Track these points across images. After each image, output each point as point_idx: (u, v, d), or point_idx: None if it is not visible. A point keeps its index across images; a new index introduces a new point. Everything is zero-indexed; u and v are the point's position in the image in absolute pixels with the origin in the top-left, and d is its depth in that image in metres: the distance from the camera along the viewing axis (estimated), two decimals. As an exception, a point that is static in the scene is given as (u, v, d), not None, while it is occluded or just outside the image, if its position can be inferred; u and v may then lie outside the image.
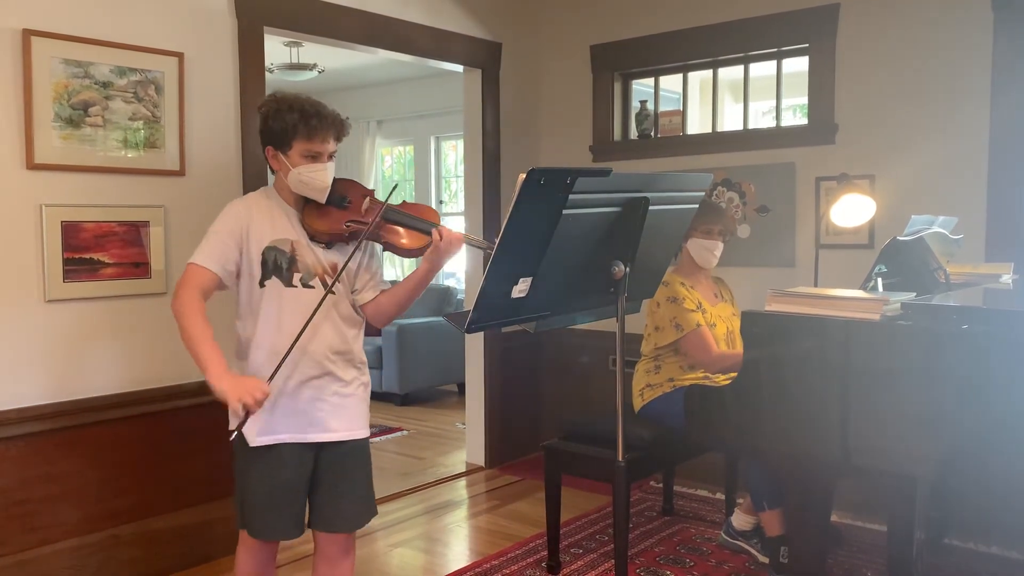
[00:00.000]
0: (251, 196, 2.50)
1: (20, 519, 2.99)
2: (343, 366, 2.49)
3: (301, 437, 2.44)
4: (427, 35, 4.43)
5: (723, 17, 4.40)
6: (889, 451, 2.28)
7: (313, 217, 2.44)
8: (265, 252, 2.39)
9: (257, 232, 2.39)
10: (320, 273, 2.45)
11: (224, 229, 2.38)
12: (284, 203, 2.47)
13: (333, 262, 2.47)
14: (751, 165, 4.36)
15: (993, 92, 3.67)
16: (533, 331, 2.40)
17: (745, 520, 3.59)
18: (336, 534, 2.52)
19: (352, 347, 2.52)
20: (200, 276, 2.33)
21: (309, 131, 2.37)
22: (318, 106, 2.41)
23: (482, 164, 4.85)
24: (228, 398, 2.20)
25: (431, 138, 8.05)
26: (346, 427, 2.49)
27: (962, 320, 2.25)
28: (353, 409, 2.51)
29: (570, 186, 1.94)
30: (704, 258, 3.47)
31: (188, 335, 2.28)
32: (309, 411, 2.44)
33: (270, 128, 2.40)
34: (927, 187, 3.83)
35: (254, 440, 2.40)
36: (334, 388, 2.47)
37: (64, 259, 3.05)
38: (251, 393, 2.21)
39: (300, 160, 2.39)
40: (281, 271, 2.40)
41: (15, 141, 2.95)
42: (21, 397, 2.99)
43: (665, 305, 3.39)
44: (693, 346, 3.35)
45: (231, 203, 2.46)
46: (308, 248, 2.44)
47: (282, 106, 2.38)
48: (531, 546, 3.72)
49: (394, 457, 5.27)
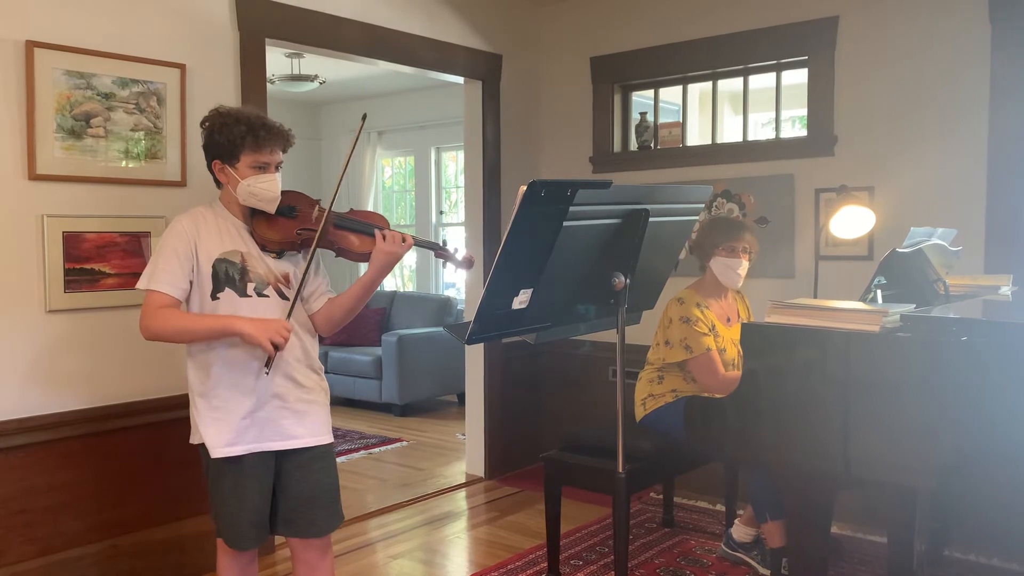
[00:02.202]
0: (196, 210, 2.51)
1: (20, 529, 2.99)
2: (305, 372, 2.52)
3: (266, 445, 2.46)
4: (428, 47, 4.44)
5: (723, 29, 4.42)
6: (889, 462, 2.28)
7: (263, 227, 2.47)
8: (215, 265, 2.42)
9: (205, 246, 2.42)
10: (273, 282, 2.48)
11: (174, 248, 2.40)
12: (231, 216, 2.49)
13: (284, 271, 2.50)
14: (750, 176, 4.37)
15: (992, 104, 3.69)
16: (534, 342, 2.41)
17: (745, 532, 3.58)
18: (310, 539, 2.54)
19: (311, 353, 2.56)
20: (160, 303, 2.37)
21: (257, 142, 2.41)
22: (263, 118, 2.46)
23: (482, 175, 4.86)
24: (259, 340, 2.31)
25: (431, 149, 8.06)
26: (310, 433, 2.51)
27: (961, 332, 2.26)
28: (316, 415, 2.54)
29: (571, 198, 1.95)
30: (729, 277, 3.42)
31: (186, 329, 2.37)
32: (274, 419, 2.46)
33: (216, 141, 2.43)
34: (926, 199, 3.84)
35: (218, 451, 2.42)
36: (297, 395, 2.50)
37: (65, 269, 3.06)
38: (279, 332, 2.33)
39: (248, 172, 2.42)
40: (234, 282, 2.42)
41: (17, 152, 2.96)
42: (22, 407, 2.99)
43: (678, 324, 3.37)
44: (701, 369, 3.34)
45: (176, 219, 2.47)
46: (259, 259, 2.47)
47: (227, 119, 2.42)
48: (531, 558, 3.71)
49: (394, 468, 5.26)
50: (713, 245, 3.41)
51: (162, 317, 2.36)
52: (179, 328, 2.37)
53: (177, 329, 2.37)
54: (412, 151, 8.26)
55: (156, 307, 2.36)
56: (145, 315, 2.37)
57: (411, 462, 5.40)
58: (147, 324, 2.37)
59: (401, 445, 5.86)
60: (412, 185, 8.33)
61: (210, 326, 2.36)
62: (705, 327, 3.36)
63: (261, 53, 3.66)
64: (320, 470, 2.54)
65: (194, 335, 2.39)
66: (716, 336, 3.40)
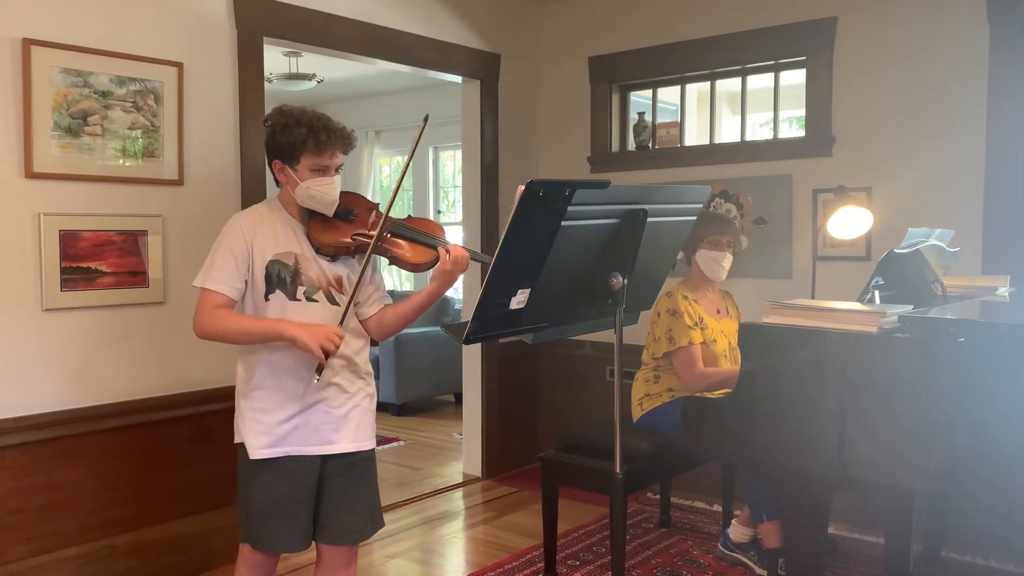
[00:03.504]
0: (255, 209, 2.50)
1: (16, 529, 2.98)
2: (349, 377, 2.50)
3: (305, 450, 2.43)
4: (426, 46, 4.44)
5: (721, 30, 4.42)
6: (886, 463, 2.28)
7: (319, 230, 2.45)
8: (269, 266, 2.40)
9: (261, 245, 2.40)
10: (324, 286, 2.45)
11: (230, 247, 2.38)
12: (289, 216, 2.47)
13: (338, 275, 2.48)
14: (748, 177, 4.37)
15: (989, 105, 3.69)
16: (531, 342, 2.41)
17: (742, 532, 3.58)
18: (340, 547, 2.51)
19: (358, 359, 2.53)
20: (216, 300, 2.36)
21: (318, 146, 2.38)
22: (325, 120, 2.42)
23: (480, 175, 4.86)
24: (309, 346, 2.28)
25: (429, 148, 8.06)
26: (351, 438, 2.49)
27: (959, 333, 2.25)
28: (358, 420, 2.51)
29: (569, 198, 1.94)
30: (713, 270, 3.46)
31: (238, 331, 2.36)
32: (315, 423, 2.44)
33: (278, 142, 2.41)
34: (924, 200, 3.84)
35: (255, 453, 2.40)
36: (340, 400, 2.47)
37: (62, 268, 3.05)
38: (329, 339, 2.30)
39: (308, 174, 2.40)
40: (285, 285, 2.40)
41: (14, 150, 2.95)
42: (18, 406, 2.98)
43: (665, 317, 3.40)
44: (680, 362, 3.36)
45: (235, 217, 2.46)
46: (312, 261, 2.44)
47: (290, 120, 2.39)
48: (528, 558, 3.71)
49: (391, 468, 5.25)
50: (698, 238, 3.43)
51: (216, 317, 2.34)
52: (232, 329, 2.35)
53: (229, 330, 2.35)
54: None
55: (211, 306, 2.35)
56: (199, 313, 2.36)
57: (408, 462, 5.40)
58: (201, 323, 2.36)
59: (398, 445, 5.85)
60: (410, 184, 8.32)
61: (263, 329, 2.34)
62: (691, 320, 3.38)
63: (259, 52, 3.65)
64: (359, 476, 2.51)
65: (246, 337, 2.37)
66: (704, 328, 3.41)
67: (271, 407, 2.41)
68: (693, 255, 3.49)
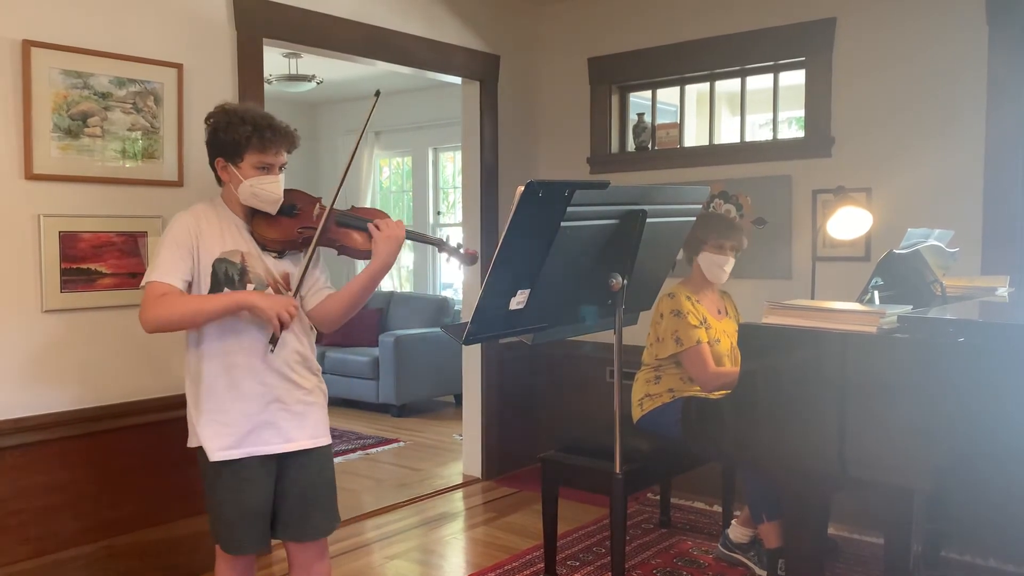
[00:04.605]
0: (197, 207, 2.47)
1: (15, 530, 2.98)
2: (304, 374, 2.50)
3: (265, 449, 2.43)
4: (426, 47, 4.44)
5: (720, 31, 4.42)
6: (886, 463, 2.28)
7: (264, 227, 2.45)
8: (215, 264, 2.39)
9: (207, 244, 2.39)
10: (272, 283, 2.45)
11: (176, 242, 2.36)
12: (232, 214, 2.46)
13: (284, 271, 2.48)
14: (748, 177, 4.37)
15: (989, 106, 3.69)
16: (531, 343, 2.41)
17: (742, 532, 3.58)
18: (308, 543, 2.52)
19: (310, 354, 2.54)
20: (160, 291, 2.31)
21: (263, 143, 2.38)
22: (269, 118, 2.41)
23: (480, 175, 4.86)
24: (268, 314, 2.28)
25: (429, 149, 8.06)
26: (310, 435, 2.49)
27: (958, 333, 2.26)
28: (315, 416, 2.51)
29: (568, 199, 1.95)
30: (714, 274, 3.46)
31: (189, 312, 2.32)
32: (273, 421, 2.43)
33: (221, 139, 2.40)
34: (923, 200, 3.84)
35: (216, 455, 2.39)
36: (297, 396, 2.47)
37: (61, 269, 3.05)
38: (286, 308, 2.30)
39: (252, 172, 2.39)
40: (233, 282, 2.40)
41: (14, 151, 2.95)
42: (18, 407, 2.98)
43: (668, 318, 3.39)
44: (691, 362, 3.35)
45: (178, 215, 2.43)
46: (259, 258, 2.44)
47: (233, 118, 2.38)
48: (528, 558, 3.71)
49: (391, 468, 5.25)
50: (702, 240, 3.43)
51: (166, 303, 2.29)
52: (180, 311, 2.30)
53: (178, 312, 2.30)
54: (410, 151, 8.26)
55: (157, 295, 2.30)
56: (145, 306, 2.31)
57: (408, 463, 5.40)
58: (148, 315, 2.30)
59: (398, 446, 5.85)
60: (410, 186, 8.33)
61: (219, 303, 2.31)
62: (696, 319, 3.38)
63: (259, 53, 3.65)
64: (318, 472, 2.52)
65: (200, 316, 2.31)
66: (708, 328, 3.41)
67: (227, 407, 2.40)
68: (695, 256, 3.48)
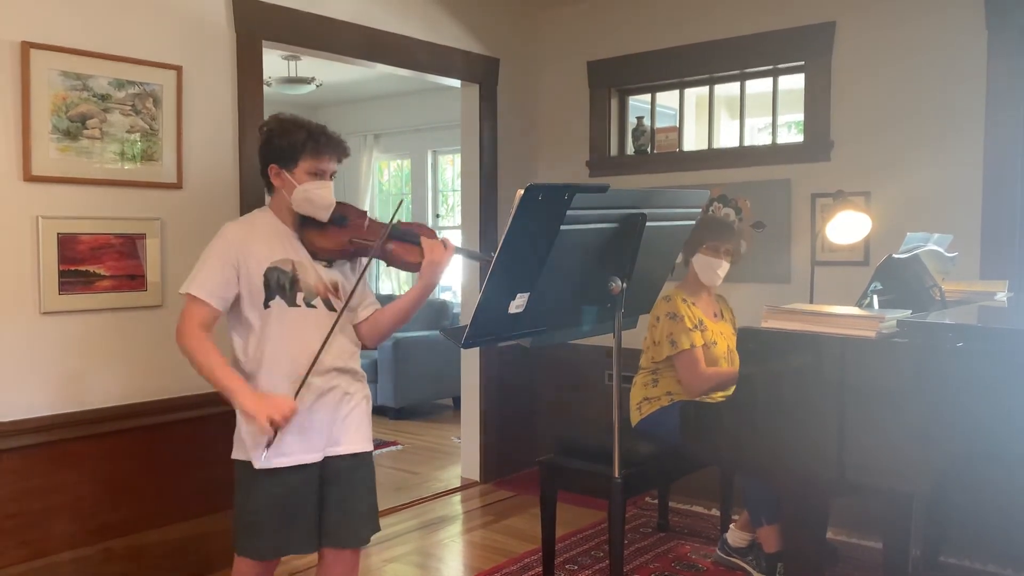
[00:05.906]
0: (249, 217, 2.52)
1: (13, 532, 2.97)
2: (350, 381, 2.51)
3: (310, 457, 2.42)
4: (425, 50, 4.44)
5: (719, 34, 4.43)
6: (885, 468, 2.28)
7: (315, 235, 2.46)
8: (267, 273, 2.39)
9: (257, 254, 2.40)
10: (322, 292, 2.46)
11: (219, 256, 2.38)
12: (281, 224, 2.48)
13: (334, 280, 2.49)
14: (747, 181, 4.37)
15: (988, 110, 3.69)
16: (530, 346, 2.41)
17: (740, 537, 3.58)
18: (345, 550, 2.50)
19: (356, 363, 2.55)
20: (200, 313, 2.35)
21: (318, 149, 2.40)
22: (323, 126, 2.46)
23: (479, 178, 4.86)
24: (257, 418, 2.25)
25: (428, 152, 8.06)
26: (352, 441, 2.50)
27: (957, 338, 2.26)
28: (358, 422, 2.52)
29: (568, 202, 1.94)
30: (708, 276, 3.47)
31: (205, 367, 2.33)
32: (320, 428, 2.44)
33: (276, 145, 2.42)
34: (922, 204, 3.84)
35: (262, 463, 2.37)
36: (342, 403, 2.49)
37: (60, 271, 3.04)
38: (280, 411, 2.27)
39: (305, 177, 2.41)
40: (284, 291, 2.40)
41: (12, 153, 2.95)
42: (16, 409, 2.97)
43: (664, 320, 3.39)
44: (682, 365, 3.36)
45: (227, 226, 2.45)
46: (309, 267, 2.45)
47: (289, 125, 2.42)
48: (526, 562, 3.71)
49: (389, 471, 5.25)
50: (699, 242, 3.44)
51: (198, 341, 2.32)
52: (205, 365, 2.33)
53: (198, 360, 2.33)
54: (409, 154, 8.26)
55: (196, 323, 2.33)
56: (184, 324, 2.35)
57: (406, 466, 5.39)
58: (184, 339, 2.34)
59: (396, 449, 5.85)
60: (409, 188, 8.33)
61: (226, 383, 2.32)
62: (691, 322, 3.38)
63: (258, 55, 3.65)
64: (360, 479, 2.51)
65: (210, 378, 2.34)
66: (704, 330, 3.41)
67: None
68: (691, 258, 3.49)
